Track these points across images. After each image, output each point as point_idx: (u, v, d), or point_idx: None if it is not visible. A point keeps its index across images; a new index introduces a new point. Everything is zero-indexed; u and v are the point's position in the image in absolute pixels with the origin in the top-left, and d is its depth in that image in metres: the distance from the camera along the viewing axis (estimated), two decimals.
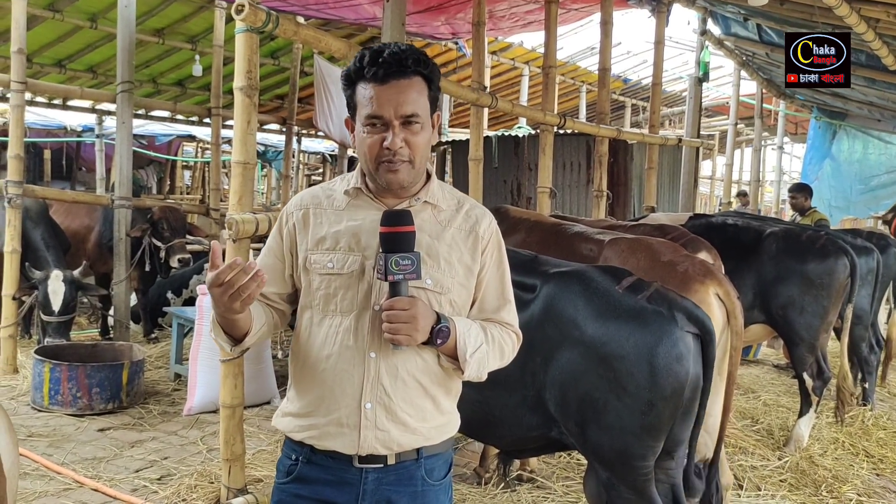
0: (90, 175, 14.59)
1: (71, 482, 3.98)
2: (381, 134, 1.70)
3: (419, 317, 1.64)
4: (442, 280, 1.77)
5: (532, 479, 4.22)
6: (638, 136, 8.11)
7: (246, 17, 3.33)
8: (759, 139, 12.55)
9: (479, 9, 5.77)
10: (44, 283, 5.93)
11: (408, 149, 1.71)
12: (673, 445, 2.66)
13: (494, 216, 1.94)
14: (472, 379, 1.80)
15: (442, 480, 1.84)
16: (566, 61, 14.62)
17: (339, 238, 1.77)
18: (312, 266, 1.78)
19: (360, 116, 1.73)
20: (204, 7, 8.71)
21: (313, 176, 20.39)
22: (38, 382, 5.15)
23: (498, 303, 1.88)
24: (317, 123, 10.19)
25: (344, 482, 1.76)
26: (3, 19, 7.89)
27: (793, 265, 4.83)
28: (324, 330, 1.76)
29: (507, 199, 11.04)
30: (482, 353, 1.77)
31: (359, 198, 1.82)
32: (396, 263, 1.63)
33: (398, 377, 1.73)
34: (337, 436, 1.74)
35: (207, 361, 5.11)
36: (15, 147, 6.04)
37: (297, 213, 1.84)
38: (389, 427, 1.73)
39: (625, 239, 3.86)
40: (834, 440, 5.10)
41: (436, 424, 1.81)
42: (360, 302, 1.74)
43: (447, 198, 1.87)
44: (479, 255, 1.84)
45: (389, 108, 1.68)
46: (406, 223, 1.68)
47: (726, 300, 3.26)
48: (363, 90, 1.72)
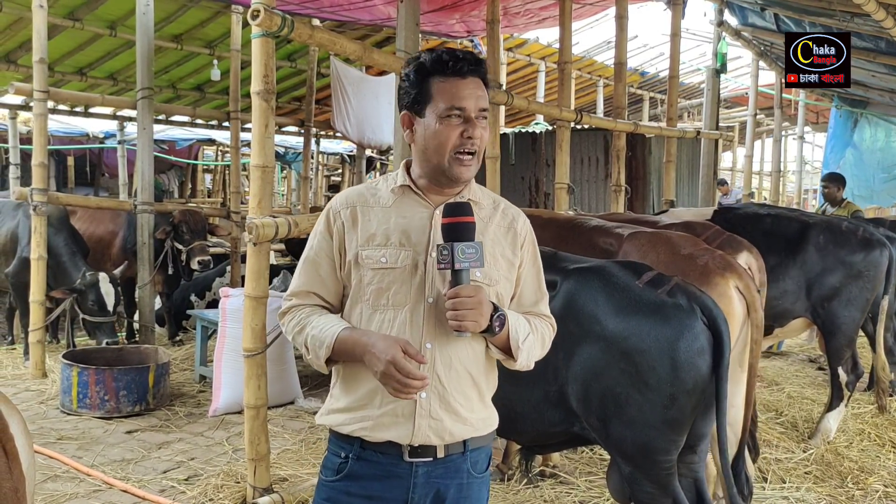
0: (113, 181, 14.76)
1: (101, 484, 4.05)
2: (461, 126, 1.78)
3: (484, 303, 1.70)
4: (490, 272, 1.83)
5: (555, 474, 4.23)
6: (655, 129, 8.05)
7: (261, 22, 3.36)
8: (780, 129, 12.43)
9: (493, 6, 5.78)
10: (95, 286, 6.06)
11: (480, 141, 1.81)
12: (695, 439, 2.66)
13: None
14: (521, 368, 1.86)
15: (484, 473, 1.90)
16: (582, 56, 14.57)
17: (389, 234, 1.81)
18: (365, 261, 1.81)
19: (437, 108, 1.78)
20: (220, 12, 8.78)
21: (332, 177, 20.46)
22: (66, 386, 5.24)
23: (536, 297, 1.96)
24: (334, 125, 10.24)
25: (394, 476, 1.80)
26: (24, 29, 8.01)
27: (840, 257, 4.78)
28: (375, 324, 1.80)
29: (525, 195, 11.02)
30: (530, 341, 1.84)
31: (405, 195, 1.87)
32: (463, 252, 1.68)
33: (452, 367, 1.80)
34: (391, 426, 1.78)
35: (231, 363, 5.17)
36: (39, 155, 6.13)
37: (345, 211, 1.87)
38: (443, 416, 1.78)
39: (644, 233, 3.84)
40: (859, 431, 5.06)
41: (482, 416, 1.87)
42: (413, 296, 1.79)
43: (485, 196, 1.94)
44: (519, 249, 1.92)
45: (471, 101, 1.78)
46: (468, 213, 1.75)
47: (746, 293, 3.24)
48: (441, 83, 1.78)
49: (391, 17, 7.78)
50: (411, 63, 1.85)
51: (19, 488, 1.64)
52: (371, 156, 14.75)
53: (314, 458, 4.45)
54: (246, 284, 3.67)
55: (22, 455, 1.69)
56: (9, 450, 1.65)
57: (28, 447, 1.80)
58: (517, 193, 10.98)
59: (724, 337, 2.55)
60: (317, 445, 4.68)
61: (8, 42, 8.67)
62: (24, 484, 1.67)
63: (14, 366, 6.49)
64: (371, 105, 10.10)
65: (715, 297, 3.13)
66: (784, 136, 15.09)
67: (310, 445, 4.69)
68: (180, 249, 7.20)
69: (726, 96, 16.40)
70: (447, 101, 1.78)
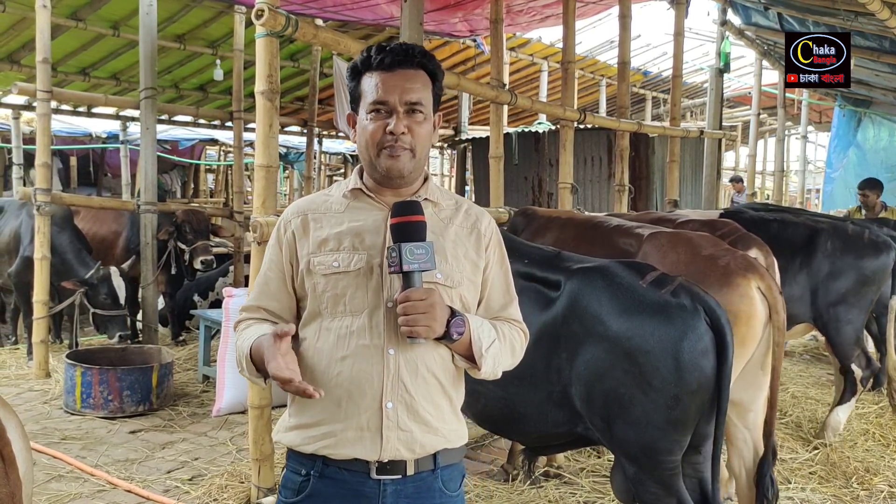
0: (116, 181, 14.79)
1: (104, 484, 4.05)
2: (385, 120, 1.71)
3: (436, 306, 1.61)
4: (451, 274, 1.74)
5: (559, 474, 4.22)
6: (659, 129, 8.04)
7: (266, 22, 3.36)
8: (783, 129, 12.40)
9: (497, 5, 5.77)
10: (107, 279, 6.11)
11: (410, 136, 1.72)
12: (700, 440, 2.65)
13: (522, 217, 1.97)
14: (486, 377, 1.76)
15: (457, 492, 1.80)
16: (585, 55, 14.54)
17: (341, 238, 1.74)
18: (316, 268, 1.73)
19: (364, 104, 1.74)
20: (223, 12, 8.78)
21: (335, 176, 20.48)
22: (70, 386, 5.24)
23: (504, 300, 1.87)
24: (337, 124, 10.26)
25: (361, 496, 1.70)
26: (27, 30, 8.02)
27: (847, 262, 4.73)
28: (334, 333, 1.71)
29: (528, 195, 11.01)
30: (496, 348, 1.74)
31: (358, 199, 1.80)
32: (411, 252, 1.60)
33: (418, 373, 1.70)
34: (357, 441, 1.68)
35: (235, 363, 5.17)
36: (42, 155, 6.14)
37: (296, 220, 1.81)
38: (412, 427, 1.69)
39: (664, 233, 3.77)
40: (864, 431, 5.04)
41: (453, 427, 1.78)
42: (370, 300, 1.70)
43: (445, 197, 1.87)
44: (483, 251, 1.83)
45: (395, 95, 1.71)
46: (417, 212, 1.67)
47: (768, 294, 3.17)
48: (369, 79, 1.74)
49: (394, 17, 7.78)
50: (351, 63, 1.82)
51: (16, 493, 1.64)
52: None
53: None
54: (249, 284, 3.67)
55: (19, 459, 1.68)
56: (5, 454, 1.65)
57: (25, 451, 1.78)
58: (520, 193, 10.98)
59: (728, 337, 2.54)
60: None
61: (11, 42, 8.69)
62: (20, 489, 1.66)
63: (17, 366, 6.50)
64: None
65: (736, 298, 3.11)
66: (787, 135, 15.04)
67: None
68: (183, 249, 7.21)
69: (729, 96, 16.36)
70: (370, 95, 1.73)
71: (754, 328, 3.16)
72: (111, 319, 6.14)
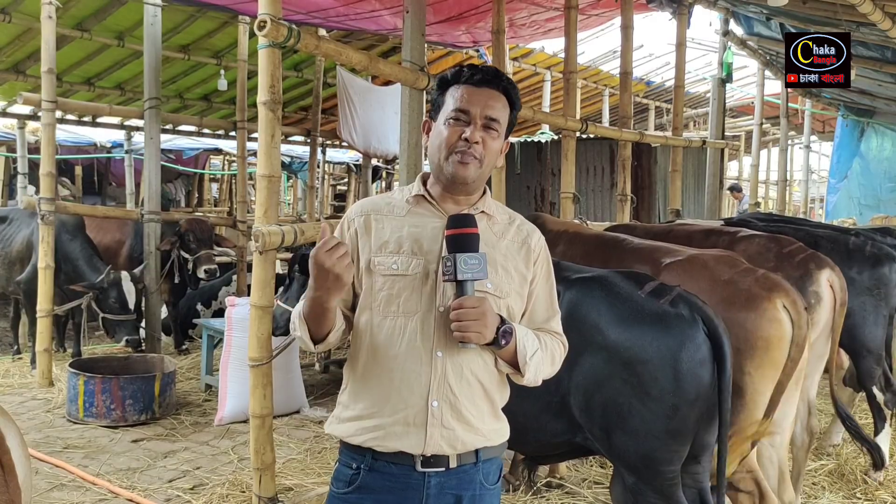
0: (120, 190, 14.82)
1: (106, 493, 4.06)
2: (463, 127, 1.82)
3: (488, 314, 1.71)
4: (501, 285, 1.84)
5: (561, 485, 4.22)
6: (661, 138, 8.05)
7: (268, 33, 3.39)
8: (786, 138, 12.40)
9: (499, 18, 5.80)
10: (118, 283, 6.13)
11: (482, 148, 1.83)
12: (699, 450, 2.65)
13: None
14: (528, 384, 1.87)
15: (495, 485, 1.90)
16: (588, 65, 14.56)
17: (401, 242, 1.84)
18: (377, 268, 1.83)
19: (445, 112, 1.86)
20: (227, 23, 8.83)
21: (338, 186, 20.51)
22: (72, 395, 5.26)
23: (548, 313, 1.97)
24: (341, 134, 10.26)
25: (407, 488, 1.80)
26: (33, 40, 8.07)
27: (849, 276, 4.39)
28: (386, 331, 1.81)
29: (530, 204, 11.02)
30: (538, 357, 1.84)
31: (420, 205, 1.90)
32: (465, 262, 1.70)
33: (463, 377, 1.80)
34: (403, 435, 1.78)
35: (237, 372, 5.18)
36: (47, 165, 6.18)
37: (359, 218, 1.90)
38: (455, 425, 1.78)
39: (679, 262, 3.49)
40: None
41: (494, 427, 1.88)
42: (424, 304, 1.80)
43: (500, 211, 1.97)
44: (532, 265, 1.93)
45: (477, 107, 1.83)
46: (471, 225, 1.77)
47: (792, 310, 3.02)
48: (455, 91, 1.86)
49: (397, 28, 7.81)
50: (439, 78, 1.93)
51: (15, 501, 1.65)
52: (377, 165, 14.76)
53: (320, 467, 4.45)
54: (252, 293, 3.69)
55: (18, 467, 1.70)
56: (5, 463, 1.66)
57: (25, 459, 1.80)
58: (523, 203, 10.99)
59: (725, 348, 2.54)
60: (322, 455, 4.69)
61: (17, 52, 8.73)
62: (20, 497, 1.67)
63: (21, 374, 6.52)
64: (377, 115, 10.13)
65: (765, 323, 2.98)
66: (790, 145, 15.05)
67: (315, 455, 4.69)
68: (187, 258, 7.23)
69: (732, 105, 16.35)
70: (454, 104, 1.84)
71: (785, 350, 3.02)
72: (120, 324, 6.18)
